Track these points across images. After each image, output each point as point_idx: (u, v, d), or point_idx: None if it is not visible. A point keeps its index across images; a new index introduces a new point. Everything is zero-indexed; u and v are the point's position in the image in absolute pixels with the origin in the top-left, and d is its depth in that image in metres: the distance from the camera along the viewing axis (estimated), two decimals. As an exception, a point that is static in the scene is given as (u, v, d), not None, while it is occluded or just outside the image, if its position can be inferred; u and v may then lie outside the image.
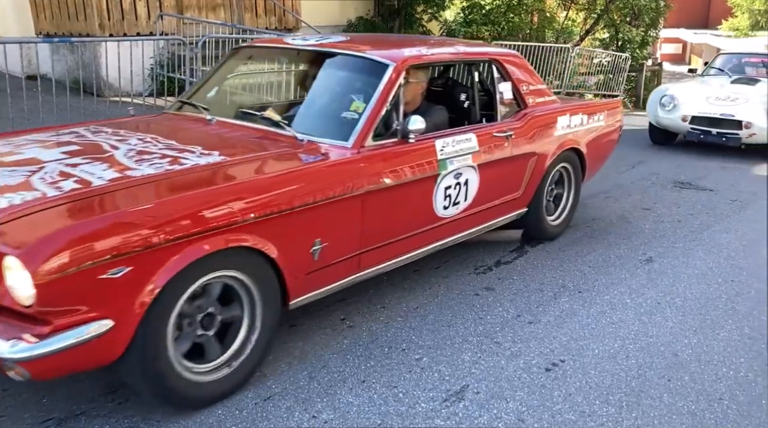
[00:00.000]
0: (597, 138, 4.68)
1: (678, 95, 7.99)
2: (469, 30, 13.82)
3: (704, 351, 3.09)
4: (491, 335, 3.16)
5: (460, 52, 3.85)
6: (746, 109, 7.48)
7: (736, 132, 7.45)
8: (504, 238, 4.49)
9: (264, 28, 10.63)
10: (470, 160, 3.46)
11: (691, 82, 9.12)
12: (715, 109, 7.64)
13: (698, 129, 7.68)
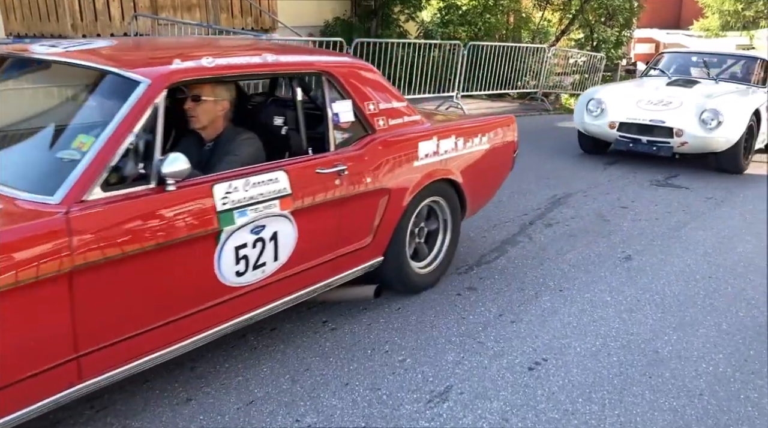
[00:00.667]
0: (479, 163, 3.84)
1: (606, 99, 7.10)
2: (446, 30, 13.87)
3: (684, 347, 3.12)
4: (474, 335, 3.15)
5: (267, 63, 2.78)
6: (678, 114, 6.64)
7: (667, 140, 6.63)
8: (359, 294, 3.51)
9: (240, 28, 10.54)
10: (278, 208, 2.59)
11: (623, 84, 8.45)
12: (645, 114, 6.79)
13: (626, 137, 6.85)
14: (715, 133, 6.47)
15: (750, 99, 7.06)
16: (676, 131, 6.56)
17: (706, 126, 6.46)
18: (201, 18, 10.17)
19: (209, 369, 2.77)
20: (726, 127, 6.46)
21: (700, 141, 6.54)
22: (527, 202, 5.51)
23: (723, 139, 6.52)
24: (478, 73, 11.38)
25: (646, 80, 8.07)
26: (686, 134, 6.53)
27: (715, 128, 6.44)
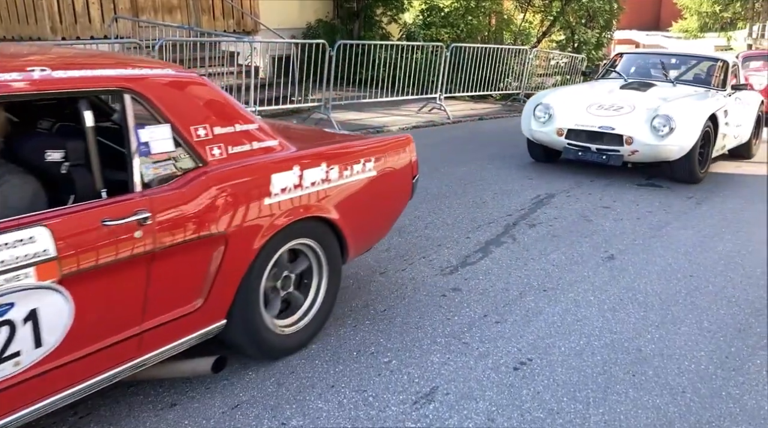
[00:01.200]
0: (364, 195, 3.15)
1: (554, 104, 6.56)
2: (428, 32, 13.94)
3: (666, 345, 3.15)
4: (459, 335, 3.16)
5: (32, 81, 2.05)
6: (629, 120, 6.13)
7: (617, 148, 6.11)
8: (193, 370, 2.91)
9: (222, 30, 10.50)
10: (33, 278, 1.94)
11: (575, 87, 7.93)
12: (594, 120, 6.25)
13: (575, 145, 6.34)
14: (666, 141, 5.97)
15: (706, 103, 6.49)
16: (626, 139, 6.05)
17: (657, 133, 5.97)
18: (182, 20, 10.13)
19: (194, 373, 2.74)
20: (678, 133, 5.97)
21: (651, 149, 6.04)
22: (511, 202, 5.54)
23: (675, 146, 6.01)
24: (461, 74, 11.43)
25: (601, 83, 7.59)
26: (636, 142, 6.03)
27: (667, 135, 5.95)
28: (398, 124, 9.65)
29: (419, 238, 4.55)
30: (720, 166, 7.59)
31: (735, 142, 7.45)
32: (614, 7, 16.60)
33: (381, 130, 9.14)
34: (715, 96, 6.85)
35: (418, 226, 4.79)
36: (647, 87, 6.97)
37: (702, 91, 7.04)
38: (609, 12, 16.21)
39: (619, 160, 6.16)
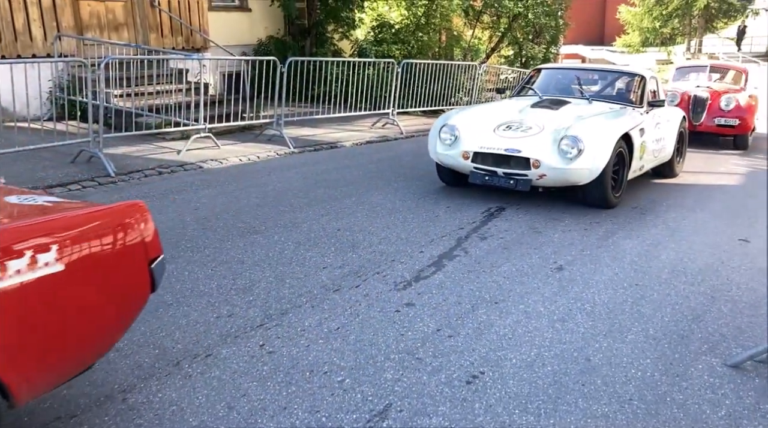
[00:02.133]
0: (38, 304, 2.01)
1: (460, 126, 6.10)
2: (380, 49, 14.04)
3: (614, 354, 3.23)
4: (413, 351, 3.18)
5: None
6: (537, 142, 5.70)
7: (525, 172, 5.66)
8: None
9: (171, 48, 10.39)
10: None
11: (485, 106, 7.26)
12: (501, 142, 5.81)
13: (481, 169, 5.88)
14: (575, 164, 5.53)
15: (619, 122, 6.05)
16: (533, 162, 5.60)
17: (565, 155, 5.55)
18: (129, 38, 9.98)
19: (142, 400, 2.68)
20: (587, 156, 5.53)
21: (559, 173, 5.59)
22: (463, 215, 5.60)
23: (585, 170, 5.57)
24: (413, 89, 11.55)
25: (515, 101, 7.13)
26: (544, 165, 5.58)
27: (576, 158, 5.51)
28: (352, 139, 9.68)
29: (373, 254, 4.55)
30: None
31: (655, 161, 7.03)
32: (560, 23, 17.08)
33: (335, 145, 9.16)
34: (630, 114, 6.44)
35: (371, 242, 4.80)
36: (560, 105, 6.49)
37: (618, 108, 6.63)
38: (555, 28, 16.67)
39: (527, 184, 5.68)
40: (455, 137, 6.06)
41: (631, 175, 6.30)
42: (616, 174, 5.99)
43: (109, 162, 6.60)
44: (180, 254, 4.40)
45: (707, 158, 9.57)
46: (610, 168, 5.70)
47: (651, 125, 6.68)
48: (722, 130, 10.40)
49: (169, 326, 3.33)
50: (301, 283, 3.97)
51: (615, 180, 5.97)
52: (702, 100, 10.48)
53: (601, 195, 5.84)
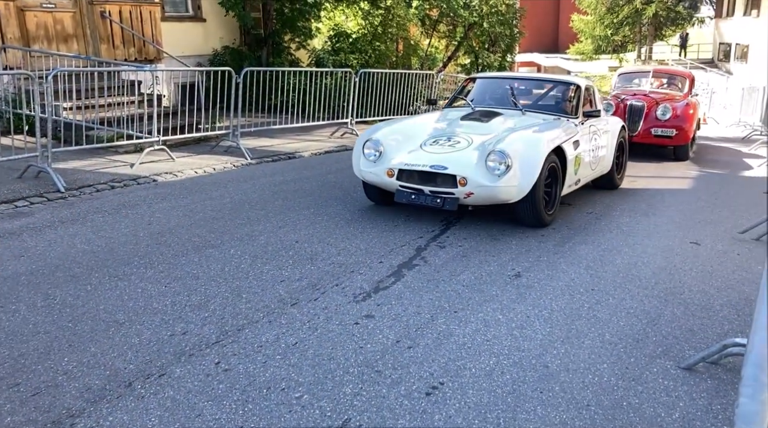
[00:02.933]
0: None
1: (385, 141, 5.70)
2: (337, 58, 14.05)
3: (571, 360, 3.26)
4: (372, 364, 3.15)
5: None
6: (464, 158, 5.32)
7: (452, 190, 5.24)
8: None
9: (123, 59, 10.18)
10: None
11: (413, 119, 6.61)
12: (427, 158, 5.40)
13: (407, 187, 5.43)
14: (502, 181, 5.14)
15: (551, 134, 5.64)
16: (460, 179, 5.18)
17: (493, 172, 5.16)
18: (79, 49, 9.75)
19: (91, 424, 2.58)
20: (515, 172, 5.16)
21: (486, 191, 5.18)
22: (422, 224, 5.61)
23: (512, 187, 5.18)
24: (371, 99, 11.57)
25: (446, 113, 6.77)
26: (471, 183, 5.16)
27: (503, 174, 5.13)
28: (310, 149, 9.63)
29: (332, 266, 4.51)
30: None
31: (592, 174, 6.69)
32: (515, 32, 17.36)
33: (293, 155, 9.08)
34: (564, 125, 6.05)
35: (330, 253, 4.76)
36: (491, 117, 6.16)
37: (551, 119, 6.27)
38: (510, 37, 16.94)
39: (454, 204, 5.25)
40: (379, 153, 5.65)
41: (566, 190, 5.97)
42: (549, 189, 5.64)
43: (59, 177, 6.41)
44: (133, 271, 4.28)
45: (658, 164, 9.80)
46: (541, 184, 5.33)
47: (587, 136, 6.35)
48: (659, 140, 10.03)
49: (120, 346, 3.23)
50: (258, 298, 3.91)
51: (548, 196, 5.63)
52: (638, 109, 10.13)
53: (533, 213, 5.44)
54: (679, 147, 10.14)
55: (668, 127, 9.95)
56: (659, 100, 10.41)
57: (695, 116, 10.41)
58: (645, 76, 11.95)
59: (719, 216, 6.36)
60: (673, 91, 11.44)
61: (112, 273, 4.23)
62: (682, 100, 10.66)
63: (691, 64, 33.36)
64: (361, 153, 5.77)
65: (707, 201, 7.10)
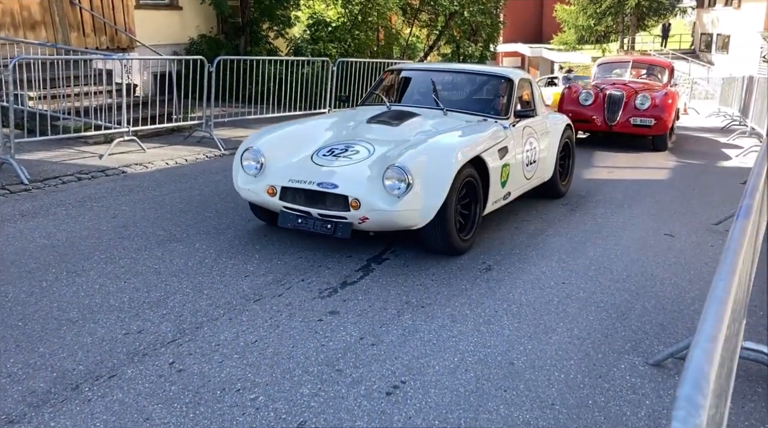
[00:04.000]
0: None
1: (268, 150, 4.61)
2: (316, 47, 13.86)
3: (538, 356, 3.18)
4: (333, 363, 3.05)
5: None
6: (358, 173, 4.31)
7: (343, 215, 4.23)
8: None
9: (94, 47, 9.95)
10: None
11: (310, 123, 5.35)
12: (315, 174, 4.37)
13: (293, 209, 4.41)
14: (402, 204, 4.12)
15: (468, 142, 4.58)
16: (352, 201, 4.17)
17: (390, 192, 4.15)
18: (48, 37, 9.50)
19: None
20: (418, 192, 4.15)
21: (382, 216, 4.16)
22: (394, 217, 5.50)
23: (414, 211, 4.17)
24: (350, 88, 11.42)
25: (356, 112, 5.64)
26: (365, 205, 4.15)
27: (403, 195, 4.12)
28: (286, 140, 9.46)
29: (299, 260, 4.40)
30: (593, 172, 7.97)
31: (528, 183, 5.65)
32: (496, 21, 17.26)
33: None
34: (490, 128, 4.96)
35: (299, 247, 4.65)
36: (404, 119, 5.04)
37: (476, 121, 5.20)
38: (491, 26, 16.82)
39: (347, 230, 4.25)
40: (261, 165, 4.56)
41: (492, 207, 4.95)
42: (467, 209, 4.65)
43: (22, 168, 6.23)
44: (92, 266, 4.15)
45: (636, 155, 9.77)
46: (451, 206, 4.32)
47: (519, 140, 5.33)
48: (638, 130, 9.99)
49: (71, 345, 3.10)
50: (220, 294, 3.79)
51: (464, 217, 4.62)
52: (617, 98, 10.09)
53: (443, 239, 4.40)
54: (657, 137, 10.12)
55: (647, 116, 9.93)
56: (638, 90, 10.40)
57: (674, 106, 10.40)
58: (624, 66, 11.95)
59: (695, 207, 6.33)
60: (653, 81, 11.46)
61: (71, 268, 4.09)
62: (661, 89, 10.67)
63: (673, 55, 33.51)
64: (239, 165, 4.66)
65: (683, 192, 7.08)
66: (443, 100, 5.57)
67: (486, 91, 5.86)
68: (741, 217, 1.82)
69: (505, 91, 5.61)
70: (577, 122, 10.34)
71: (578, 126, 10.46)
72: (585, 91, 10.41)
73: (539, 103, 6.12)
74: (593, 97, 10.24)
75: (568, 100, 10.52)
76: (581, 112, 10.26)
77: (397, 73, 6.38)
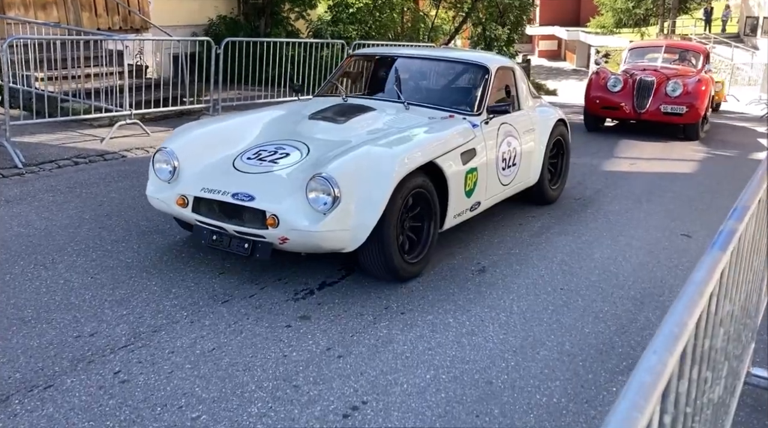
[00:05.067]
0: None
1: (182, 152, 3.90)
2: (336, 29, 13.52)
3: (520, 375, 2.88)
4: (291, 377, 2.79)
5: None
6: (280, 182, 3.64)
7: (260, 233, 3.51)
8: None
9: (107, 28, 9.79)
10: None
11: (243, 117, 4.63)
12: (231, 183, 3.68)
13: (206, 224, 3.70)
14: (327, 223, 3.40)
15: (417, 144, 3.85)
16: (269, 218, 3.46)
17: (315, 207, 3.42)
18: (60, 17, 9.37)
19: (-51, 448, 2.27)
20: (347, 208, 3.42)
21: (304, 237, 3.45)
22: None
23: (344, 232, 3.46)
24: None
25: (302, 106, 4.84)
26: (284, 223, 3.43)
27: (329, 211, 3.39)
28: (297, 125, 9.21)
29: (281, 256, 4.13)
30: (614, 163, 7.54)
31: (505, 190, 4.78)
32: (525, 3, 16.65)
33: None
34: (453, 128, 4.21)
35: (284, 242, 4.39)
36: (353, 115, 4.30)
37: (440, 117, 4.41)
38: (519, 8, 16.24)
39: (266, 251, 3.55)
40: (174, 170, 3.86)
41: (452, 222, 4.17)
42: (420, 223, 3.88)
43: (17, 151, 6.09)
44: (63, 259, 3.95)
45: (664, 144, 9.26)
46: (392, 224, 3.55)
47: (493, 140, 4.49)
48: (669, 118, 9.42)
49: (14, 349, 2.90)
50: (189, 293, 3.56)
51: (417, 235, 3.88)
52: (647, 84, 9.55)
53: (382, 265, 3.64)
54: (688, 125, 9.58)
55: (678, 103, 9.39)
56: (670, 76, 9.86)
57: (707, 93, 9.81)
58: (657, 51, 11.36)
59: (719, 204, 5.86)
60: (687, 66, 10.87)
61: (40, 260, 3.90)
62: (695, 75, 10.08)
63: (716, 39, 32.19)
64: (152, 168, 3.98)
65: (709, 187, 6.60)
66: (408, 91, 4.80)
67: (457, 81, 5.11)
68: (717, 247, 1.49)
69: (479, 81, 4.74)
70: (605, 109, 9.88)
71: (606, 113, 10.00)
72: (614, 76, 9.90)
73: (524, 96, 5.24)
74: (622, 82, 9.73)
75: (595, 85, 10.02)
76: (609, 98, 9.79)
77: (360, 60, 5.63)
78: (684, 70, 10.55)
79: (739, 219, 1.70)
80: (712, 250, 1.46)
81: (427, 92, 4.99)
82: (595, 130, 10.01)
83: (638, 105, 9.57)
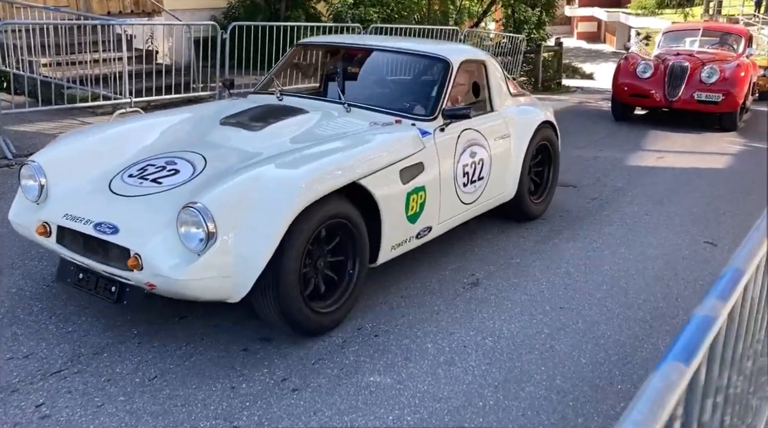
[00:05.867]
0: None
1: (55, 165, 3.18)
2: (357, 12, 13.07)
3: (497, 419, 2.50)
4: (233, 416, 2.46)
5: None
6: (153, 212, 2.85)
7: (125, 275, 2.78)
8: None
9: (117, 12, 9.58)
10: None
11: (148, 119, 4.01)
12: (99, 208, 2.94)
13: (71, 259, 2.99)
14: (195, 268, 2.64)
15: (334, 161, 3.07)
16: (131, 258, 2.69)
17: (187, 244, 2.68)
18: (69, 1, 9.15)
19: None
20: (227, 247, 2.68)
21: (171, 284, 2.67)
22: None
23: (221, 279, 2.71)
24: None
25: (222, 107, 3.99)
26: (148, 265, 2.67)
27: (204, 251, 2.65)
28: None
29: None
30: (639, 157, 7.02)
31: (468, 209, 3.99)
32: (556, -18, 15.91)
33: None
34: (393, 136, 3.46)
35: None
36: (276, 119, 3.57)
37: (383, 123, 3.61)
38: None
39: (136, 297, 2.86)
40: (42, 190, 3.12)
41: (391, 254, 3.38)
42: (342, 258, 3.11)
43: (8, 142, 5.88)
44: (23, 263, 3.69)
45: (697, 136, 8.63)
46: (290, 269, 2.76)
47: (449, 150, 3.71)
48: (703, 107, 8.79)
49: (-63, 374, 2.64)
50: (146, 307, 3.24)
51: (340, 271, 3.12)
52: (679, 70, 8.91)
53: (280, 316, 2.85)
54: (725, 115, 8.91)
55: (714, 91, 8.73)
56: (706, 61, 9.17)
57: (747, 79, 9.11)
58: (694, 35, 10.63)
59: (751, 207, 5.31)
60: (726, 50, 10.13)
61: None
62: (733, 61, 9.36)
63: (765, 20, 30.62)
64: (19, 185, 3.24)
65: (741, 185, 6.03)
66: (354, 90, 4.11)
67: (412, 78, 4.37)
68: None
69: (436, 79, 3.93)
70: (634, 97, 9.28)
71: (634, 101, 9.39)
72: (644, 61, 9.28)
73: (499, 94, 4.38)
74: (652, 68, 9.10)
75: (624, 71, 9.42)
76: (638, 85, 9.17)
77: (310, 49, 4.87)
78: (722, 54, 9.84)
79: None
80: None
81: (375, 91, 4.22)
82: (623, 119, 9.43)
83: (670, 92, 8.94)
